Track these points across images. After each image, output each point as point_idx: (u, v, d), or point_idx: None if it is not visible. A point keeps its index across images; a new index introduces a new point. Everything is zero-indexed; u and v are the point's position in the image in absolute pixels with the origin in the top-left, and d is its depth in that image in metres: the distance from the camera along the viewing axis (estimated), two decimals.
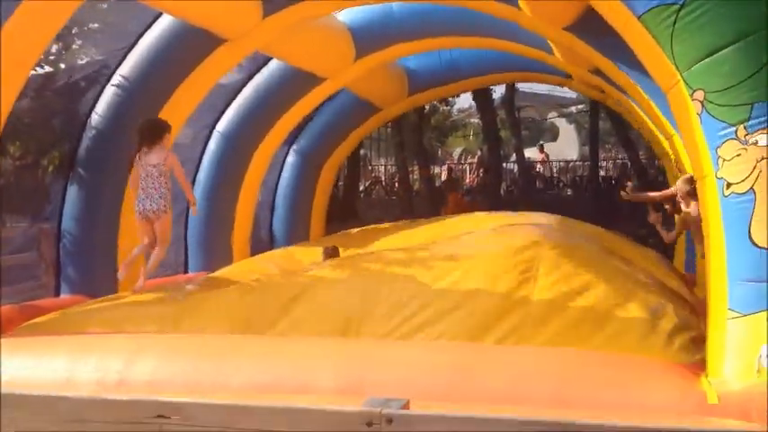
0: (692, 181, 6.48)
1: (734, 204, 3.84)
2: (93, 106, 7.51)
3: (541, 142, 26.35)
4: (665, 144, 7.30)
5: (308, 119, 11.36)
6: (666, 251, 10.36)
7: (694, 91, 3.94)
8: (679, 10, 3.92)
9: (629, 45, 4.45)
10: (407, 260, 6.05)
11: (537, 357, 4.56)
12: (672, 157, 7.32)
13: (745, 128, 3.79)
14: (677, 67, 3.99)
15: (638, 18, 4.07)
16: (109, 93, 7.53)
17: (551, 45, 8.30)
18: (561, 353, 4.68)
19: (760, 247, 3.77)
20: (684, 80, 3.97)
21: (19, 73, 5.50)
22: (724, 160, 3.86)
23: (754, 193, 3.77)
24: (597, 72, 7.90)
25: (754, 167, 3.76)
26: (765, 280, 3.77)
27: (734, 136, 3.82)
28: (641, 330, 5.00)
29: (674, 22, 3.94)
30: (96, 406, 2.09)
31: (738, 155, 3.80)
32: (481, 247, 6.23)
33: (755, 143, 3.76)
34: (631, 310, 5.42)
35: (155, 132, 6.03)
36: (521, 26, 7.25)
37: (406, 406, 2.11)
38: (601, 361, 4.50)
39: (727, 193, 3.86)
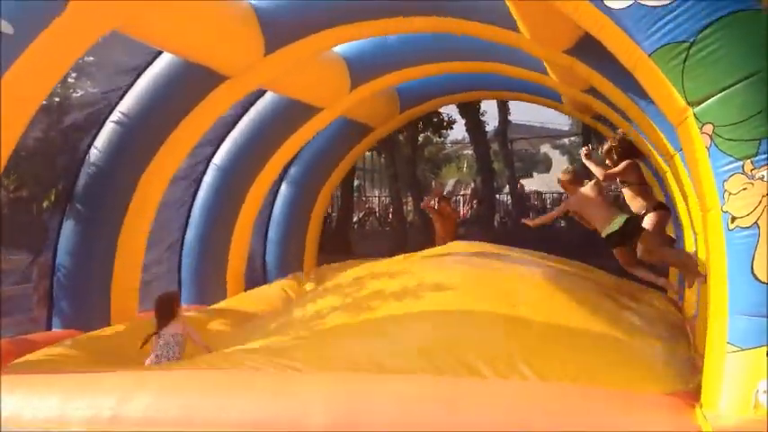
0: (570, 171, 6.65)
1: (738, 238, 3.86)
2: (92, 142, 7.51)
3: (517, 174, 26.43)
4: (663, 166, 7.31)
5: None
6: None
7: (704, 125, 3.98)
8: (689, 47, 3.97)
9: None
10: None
11: (528, 391, 4.57)
12: (668, 174, 7.32)
13: (752, 162, 3.82)
14: (688, 103, 4.03)
15: (649, 56, 4.12)
16: (108, 128, 7.52)
17: (546, 66, 8.38)
18: (553, 387, 4.69)
19: (762, 282, 3.79)
20: (695, 115, 4.02)
21: (25, 111, 5.50)
22: (730, 194, 3.88)
23: (758, 227, 3.79)
24: (592, 92, 7.93)
25: (760, 202, 3.79)
26: (766, 315, 3.78)
27: (741, 170, 3.85)
28: (637, 357, 5.04)
29: (685, 59, 3.98)
30: None
31: (744, 189, 3.82)
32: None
33: (762, 178, 3.79)
34: (624, 339, 5.50)
35: (171, 307, 6.33)
36: (518, 49, 7.31)
37: None
38: (594, 394, 4.51)
39: (731, 226, 3.88)
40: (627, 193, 7.38)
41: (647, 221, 6.93)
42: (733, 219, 3.88)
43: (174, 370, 5.26)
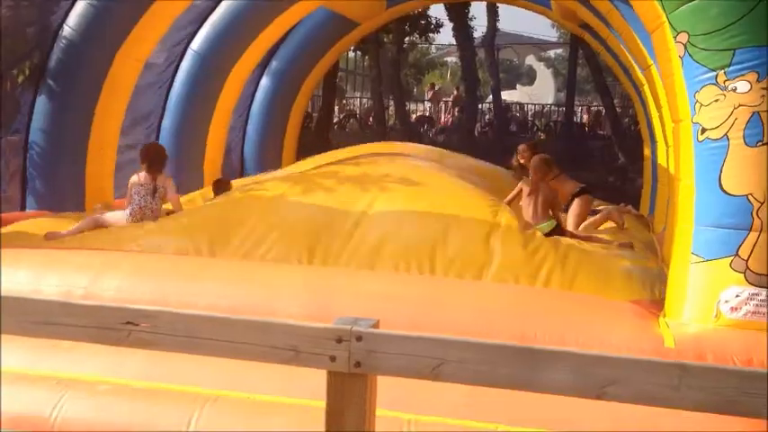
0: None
1: (707, 150, 3.86)
2: (66, 17, 7.28)
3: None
4: (641, 78, 7.30)
5: (282, 38, 10.97)
6: (633, 196, 10.50)
7: (678, 33, 3.91)
8: None
9: None
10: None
11: (499, 293, 4.64)
12: (646, 87, 7.35)
13: (725, 73, 3.77)
14: (663, 8, 3.95)
15: None
16: (81, 4, 7.29)
17: None
18: (522, 290, 4.78)
19: (729, 194, 3.81)
20: (669, 22, 3.94)
21: None
22: (701, 105, 3.85)
23: (728, 139, 3.79)
24: None
25: (731, 114, 3.76)
26: (731, 227, 3.83)
27: (713, 81, 3.80)
28: (601, 266, 5.13)
29: None
30: (65, 309, 2.09)
31: (716, 100, 3.79)
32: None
33: (734, 90, 3.75)
34: (589, 248, 5.58)
35: (163, 156, 6.59)
36: None
37: (375, 326, 2.13)
38: (558, 297, 4.61)
39: (701, 138, 3.87)
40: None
41: (573, 211, 7.28)
42: (703, 130, 3.87)
43: (145, 253, 5.25)
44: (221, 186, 7.70)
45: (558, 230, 6.08)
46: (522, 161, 8.02)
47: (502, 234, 5.27)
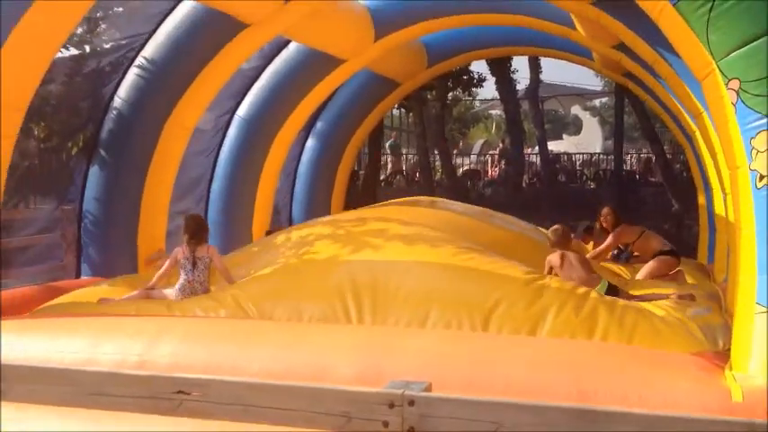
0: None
1: (766, 197, 3.75)
2: (116, 89, 7.53)
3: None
4: (692, 126, 7.20)
5: (326, 100, 11.22)
6: (690, 244, 10.27)
7: (729, 80, 3.84)
8: None
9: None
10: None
11: (556, 348, 4.51)
12: (697, 134, 7.28)
13: None
14: (713, 56, 3.89)
15: (674, 5, 3.98)
16: (131, 76, 7.54)
17: (574, 20, 8.20)
18: (581, 344, 4.64)
19: None
20: (720, 69, 3.88)
21: (40, 63, 5.53)
22: (758, 151, 3.76)
23: None
24: (622, 48, 7.78)
25: None
26: None
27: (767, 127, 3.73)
28: (661, 318, 4.97)
29: (710, 10, 3.84)
30: (117, 380, 2.08)
31: None
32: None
33: None
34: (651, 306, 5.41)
35: (203, 227, 6.46)
36: (546, 2, 7.17)
37: (428, 389, 2.08)
38: (620, 352, 4.45)
39: (759, 185, 3.77)
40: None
41: (649, 268, 7.57)
42: (761, 177, 3.76)
43: (198, 318, 5.29)
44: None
45: (614, 290, 5.89)
46: (604, 224, 8.46)
47: (554, 292, 5.17)
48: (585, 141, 28.35)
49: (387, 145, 22.52)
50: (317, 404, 2.03)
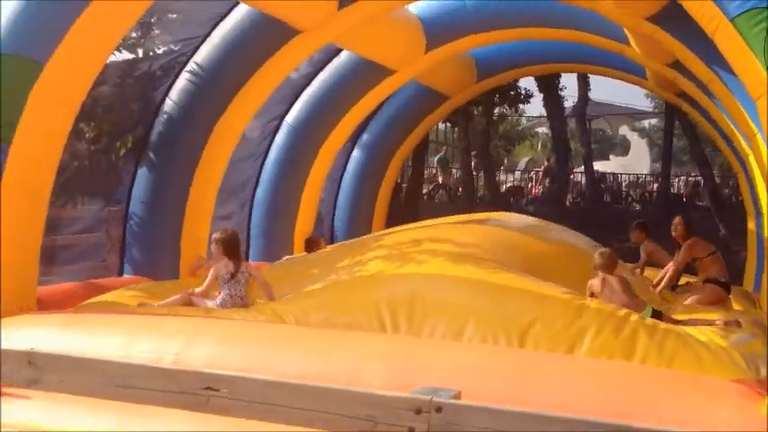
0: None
1: None
2: (168, 92, 7.65)
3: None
4: (746, 149, 7.03)
5: (373, 111, 11.22)
6: (736, 270, 10.02)
7: None
8: None
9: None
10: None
11: (593, 369, 4.43)
12: (750, 157, 7.11)
13: None
14: None
15: (731, 20, 3.88)
16: (183, 80, 7.66)
17: (629, 36, 8.09)
18: (618, 365, 4.56)
19: None
20: None
21: (94, 64, 5.65)
22: None
23: None
24: (676, 66, 7.65)
25: None
26: None
27: None
28: (702, 343, 4.85)
29: None
30: (146, 373, 2.09)
31: None
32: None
33: None
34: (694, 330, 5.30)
35: (238, 243, 6.45)
36: (599, 15, 7.10)
37: (457, 396, 2.05)
38: (658, 376, 4.36)
39: None
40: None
41: (702, 294, 7.42)
42: None
43: (236, 321, 5.32)
44: (312, 245, 7.79)
45: (658, 315, 5.75)
46: (674, 234, 8.28)
47: (593, 313, 5.09)
48: (633, 163, 27.94)
49: (435, 159, 22.52)
50: (343, 407, 2.02)
